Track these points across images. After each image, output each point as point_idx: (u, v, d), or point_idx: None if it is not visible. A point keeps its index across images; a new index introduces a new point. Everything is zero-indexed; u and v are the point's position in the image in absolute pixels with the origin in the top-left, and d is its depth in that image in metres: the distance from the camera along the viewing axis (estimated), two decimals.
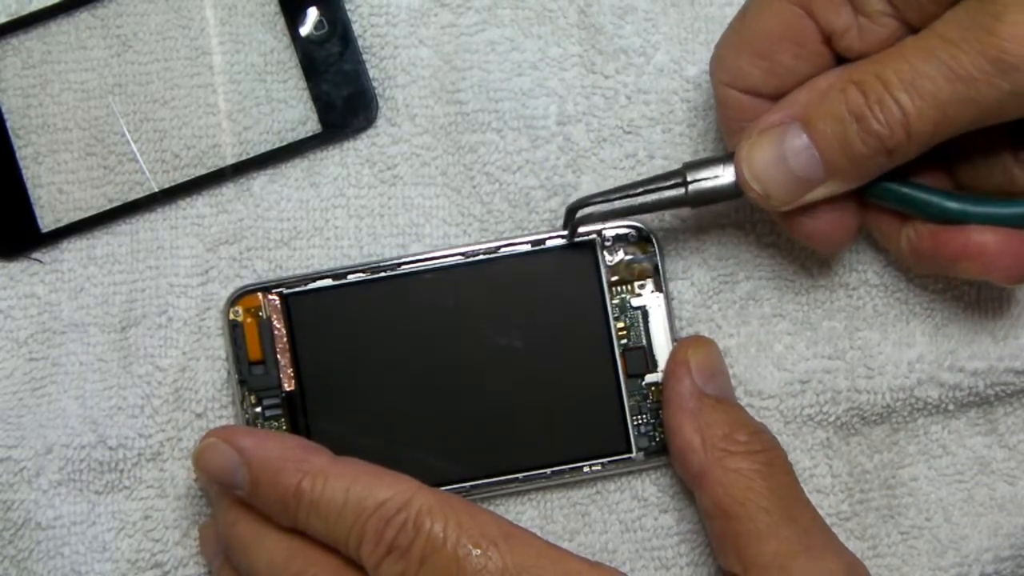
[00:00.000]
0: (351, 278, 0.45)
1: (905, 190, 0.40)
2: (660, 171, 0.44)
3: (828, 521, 0.43)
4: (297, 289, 0.45)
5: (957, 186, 0.42)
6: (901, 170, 0.39)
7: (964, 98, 0.36)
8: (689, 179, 0.41)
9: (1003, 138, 0.40)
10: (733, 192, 0.41)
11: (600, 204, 0.42)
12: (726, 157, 0.41)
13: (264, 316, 0.45)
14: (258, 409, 0.44)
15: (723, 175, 0.41)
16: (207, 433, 0.42)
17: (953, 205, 0.40)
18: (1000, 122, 0.37)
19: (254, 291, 0.45)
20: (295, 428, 0.44)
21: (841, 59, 0.40)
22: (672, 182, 0.42)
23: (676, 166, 0.45)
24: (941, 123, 0.37)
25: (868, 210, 0.42)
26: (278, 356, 0.44)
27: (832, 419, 0.45)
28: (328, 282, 0.45)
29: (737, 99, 0.41)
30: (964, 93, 0.36)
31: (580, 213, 0.43)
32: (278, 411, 0.44)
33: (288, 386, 0.44)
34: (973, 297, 0.45)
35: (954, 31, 0.36)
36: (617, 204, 0.42)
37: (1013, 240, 0.39)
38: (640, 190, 0.42)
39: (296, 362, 0.45)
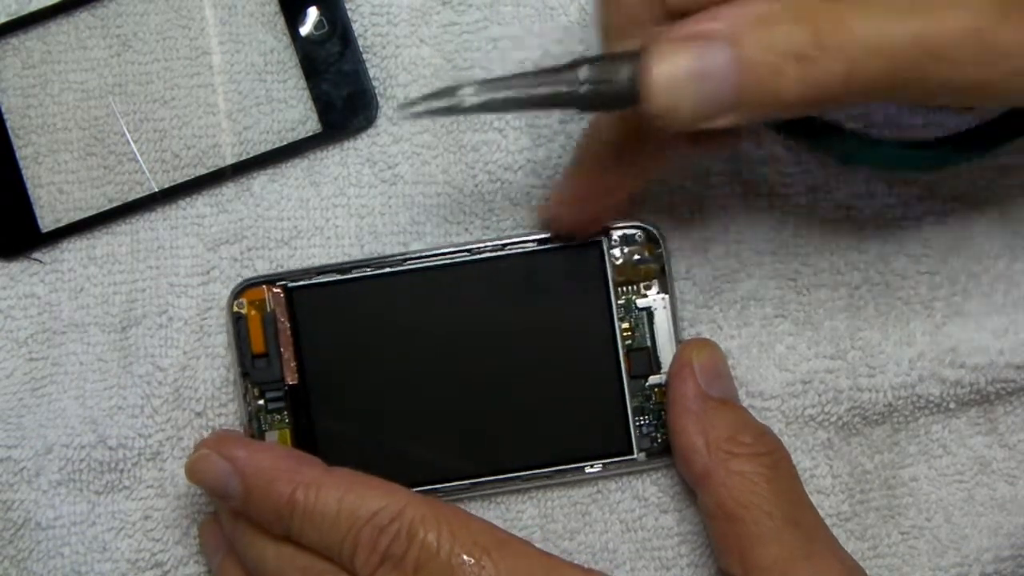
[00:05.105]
0: (356, 273, 0.45)
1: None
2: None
3: (828, 522, 0.43)
4: (302, 283, 0.45)
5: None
6: None
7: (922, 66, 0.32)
8: (581, 78, 0.36)
9: None
10: (628, 98, 0.35)
11: (483, 93, 0.36)
12: (626, 55, 0.35)
13: (268, 309, 0.45)
14: (261, 402, 0.44)
15: (621, 75, 0.35)
16: (199, 444, 0.42)
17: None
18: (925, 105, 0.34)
19: (259, 284, 0.45)
20: (297, 422, 0.44)
21: None
22: (563, 77, 0.36)
23: None
24: (881, 84, 0.33)
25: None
26: (281, 349, 0.44)
27: (834, 419, 0.45)
28: (333, 276, 0.45)
29: None
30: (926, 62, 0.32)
31: (443, 102, 0.36)
32: (281, 404, 0.44)
33: (291, 379, 0.44)
34: (973, 293, 0.45)
35: None
36: (499, 95, 0.36)
37: None
38: (526, 82, 0.36)
39: (299, 355, 0.44)
